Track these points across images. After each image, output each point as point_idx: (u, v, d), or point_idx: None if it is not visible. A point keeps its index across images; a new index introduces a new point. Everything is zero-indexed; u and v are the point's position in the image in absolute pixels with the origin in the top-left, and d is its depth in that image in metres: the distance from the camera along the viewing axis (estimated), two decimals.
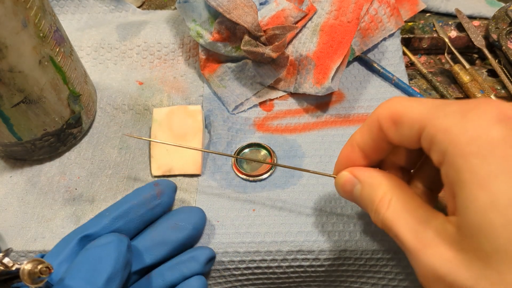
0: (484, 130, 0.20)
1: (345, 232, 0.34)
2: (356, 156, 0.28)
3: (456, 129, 0.21)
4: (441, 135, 0.21)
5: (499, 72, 0.45)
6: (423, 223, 0.23)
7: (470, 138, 0.20)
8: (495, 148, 0.20)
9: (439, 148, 0.21)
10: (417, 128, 0.23)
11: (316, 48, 0.41)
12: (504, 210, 0.19)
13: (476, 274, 0.20)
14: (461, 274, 0.21)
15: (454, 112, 0.21)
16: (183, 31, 0.48)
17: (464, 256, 0.21)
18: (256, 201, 0.37)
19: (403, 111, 0.24)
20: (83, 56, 0.47)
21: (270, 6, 0.44)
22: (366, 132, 0.26)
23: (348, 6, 0.42)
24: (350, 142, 0.28)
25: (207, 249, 0.33)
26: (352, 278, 0.36)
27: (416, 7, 0.48)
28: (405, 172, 0.29)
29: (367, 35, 0.45)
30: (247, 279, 0.36)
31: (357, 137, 0.27)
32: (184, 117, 0.40)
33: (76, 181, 0.39)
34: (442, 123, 0.21)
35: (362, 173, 0.27)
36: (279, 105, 0.43)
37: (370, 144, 0.27)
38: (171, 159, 0.38)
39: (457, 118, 0.21)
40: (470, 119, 0.21)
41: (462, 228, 0.21)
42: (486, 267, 0.20)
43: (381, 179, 0.26)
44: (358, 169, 0.28)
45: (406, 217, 0.24)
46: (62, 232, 0.35)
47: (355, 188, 0.27)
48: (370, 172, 0.27)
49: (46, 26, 0.33)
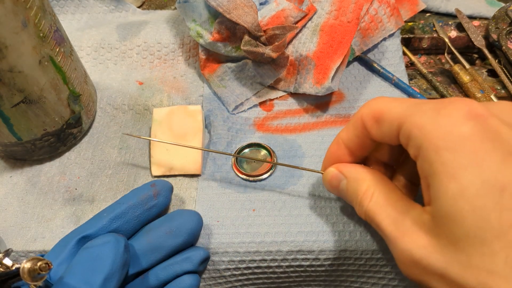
0: (455, 126, 0.22)
1: (345, 232, 0.34)
2: (342, 153, 0.30)
3: (430, 126, 0.22)
4: (417, 131, 0.23)
5: (499, 72, 0.45)
6: (402, 214, 0.25)
7: (442, 133, 0.22)
8: (464, 142, 0.21)
9: (415, 143, 0.23)
10: (396, 125, 0.24)
11: (316, 48, 0.41)
12: (471, 198, 0.21)
13: (448, 257, 0.22)
14: (434, 258, 0.23)
15: (428, 110, 0.23)
16: (183, 31, 0.48)
17: (438, 242, 0.23)
18: (256, 201, 0.37)
19: (384, 110, 0.25)
20: (83, 56, 0.47)
21: (270, 6, 0.44)
22: (351, 130, 0.28)
23: (348, 6, 0.42)
24: (337, 140, 0.30)
25: (201, 250, 0.33)
26: (352, 278, 0.36)
27: (416, 7, 0.48)
28: (388, 168, 0.31)
29: (367, 35, 0.45)
30: (247, 278, 0.36)
31: (343, 135, 0.29)
32: (184, 117, 0.40)
33: (76, 181, 0.39)
34: (417, 120, 0.23)
35: (348, 169, 0.29)
36: (279, 105, 0.43)
37: (354, 141, 0.28)
38: (171, 159, 0.38)
39: (431, 115, 0.23)
40: (442, 116, 0.22)
41: (436, 216, 0.23)
42: (457, 251, 0.22)
43: (365, 174, 0.28)
44: (344, 165, 0.30)
45: (387, 208, 0.26)
46: (62, 232, 0.35)
47: (341, 183, 0.30)
48: (355, 168, 0.29)
49: (46, 26, 0.33)
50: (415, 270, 0.24)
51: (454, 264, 0.22)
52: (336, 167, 0.30)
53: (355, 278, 0.36)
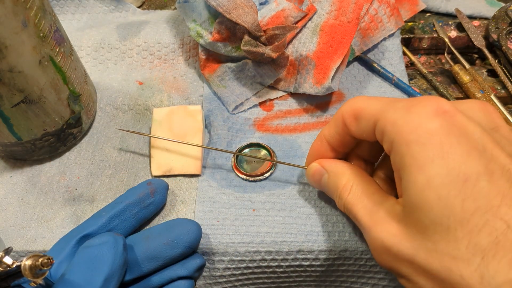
0: (423, 122, 0.23)
1: (345, 232, 0.34)
2: (324, 149, 0.32)
3: (401, 121, 0.24)
4: (390, 126, 0.25)
5: (499, 72, 0.45)
6: (377, 205, 0.27)
7: (412, 128, 0.23)
8: (432, 136, 0.23)
9: (388, 138, 0.25)
10: (373, 122, 0.26)
11: (316, 48, 0.41)
12: (437, 188, 0.22)
13: (416, 244, 0.23)
14: (403, 246, 0.24)
15: (401, 107, 0.25)
16: (183, 31, 0.48)
17: (407, 230, 0.24)
18: (256, 201, 0.36)
19: (362, 107, 0.27)
20: (83, 56, 0.47)
21: (270, 6, 0.44)
22: (332, 127, 0.30)
23: (348, 6, 0.42)
24: (320, 137, 0.32)
25: (198, 258, 0.34)
26: (352, 278, 0.36)
27: (416, 7, 0.48)
28: (368, 164, 0.33)
29: (367, 35, 0.45)
30: (247, 278, 0.36)
31: (325, 132, 0.31)
32: (184, 117, 0.40)
33: (76, 181, 0.39)
34: (391, 116, 0.25)
35: (329, 164, 0.31)
36: (279, 105, 0.43)
37: (336, 138, 0.30)
38: (171, 159, 0.38)
39: (403, 112, 0.24)
40: (413, 113, 0.24)
41: (406, 206, 0.24)
42: (424, 238, 0.23)
43: (345, 169, 0.30)
44: (326, 160, 0.32)
45: (364, 200, 0.28)
46: (62, 232, 0.35)
47: (323, 177, 0.31)
48: (336, 163, 0.31)
49: (46, 26, 0.32)
50: (386, 257, 0.25)
51: (421, 251, 0.23)
52: (319, 162, 0.32)
53: (355, 279, 0.36)
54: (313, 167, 0.32)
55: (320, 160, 0.32)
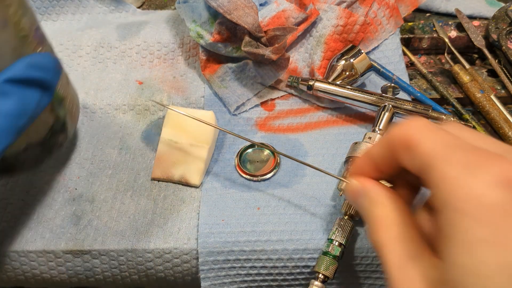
0: (483, 192, 0.20)
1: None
2: (369, 168, 0.28)
3: (458, 183, 0.21)
4: (444, 184, 0.22)
5: (499, 72, 0.45)
6: (411, 260, 0.24)
7: (468, 196, 0.21)
8: (490, 213, 0.20)
9: (440, 196, 0.22)
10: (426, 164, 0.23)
11: (321, 63, 0.43)
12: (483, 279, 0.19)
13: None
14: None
15: (462, 165, 0.22)
16: (183, 31, 0.48)
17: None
18: (261, 200, 0.36)
19: (417, 141, 0.24)
20: (83, 55, 0.47)
21: (271, 7, 0.44)
22: (380, 148, 0.27)
23: (353, 27, 0.43)
24: (367, 154, 0.29)
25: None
26: (359, 279, 0.36)
27: (417, 1, 0.48)
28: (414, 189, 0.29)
29: (366, 38, 0.45)
30: (252, 280, 0.35)
31: (373, 150, 0.28)
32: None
33: (76, 181, 0.38)
34: (448, 171, 0.22)
35: (371, 187, 0.28)
36: (280, 105, 0.43)
37: (382, 159, 0.27)
38: (174, 164, 0.37)
39: (462, 171, 0.21)
40: (473, 175, 0.21)
41: (442, 280, 0.21)
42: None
43: (385, 199, 0.27)
44: (368, 182, 0.28)
45: (397, 248, 0.25)
46: (62, 232, 0.35)
47: (361, 198, 0.28)
48: (378, 188, 0.28)
49: (27, 25, 0.29)
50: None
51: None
52: (362, 181, 0.29)
53: (362, 280, 0.36)
54: (353, 184, 0.29)
55: (363, 180, 0.29)
